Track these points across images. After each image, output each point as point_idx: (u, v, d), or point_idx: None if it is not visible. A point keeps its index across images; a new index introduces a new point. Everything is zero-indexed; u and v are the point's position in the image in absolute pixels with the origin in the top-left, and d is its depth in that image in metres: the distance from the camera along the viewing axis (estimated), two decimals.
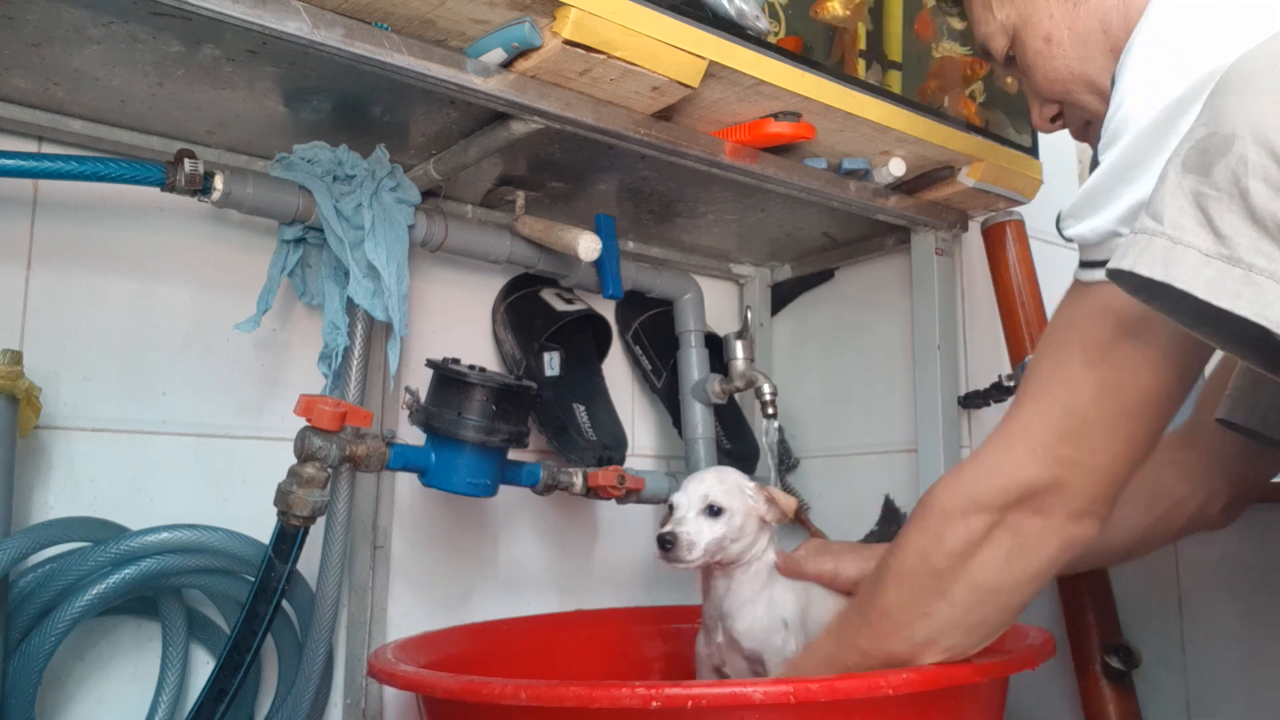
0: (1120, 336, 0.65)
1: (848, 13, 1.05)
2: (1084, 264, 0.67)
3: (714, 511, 0.94)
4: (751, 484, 0.98)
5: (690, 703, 0.68)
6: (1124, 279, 0.52)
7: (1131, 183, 0.60)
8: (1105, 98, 0.77)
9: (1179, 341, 0.63)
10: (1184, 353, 0.64)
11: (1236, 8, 0.59)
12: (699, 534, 0.93)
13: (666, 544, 0.92)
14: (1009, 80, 1.18)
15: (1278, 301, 0.46)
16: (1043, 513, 0.68)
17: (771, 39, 0.98)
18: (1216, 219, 0.48)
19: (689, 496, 0.96)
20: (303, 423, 0.91)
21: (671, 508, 0.97)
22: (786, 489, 1.45)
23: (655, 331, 1.42)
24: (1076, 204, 0.65)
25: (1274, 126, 0.46)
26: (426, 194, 1.12)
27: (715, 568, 0.97)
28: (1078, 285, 0.68)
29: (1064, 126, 0.86)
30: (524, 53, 0.87)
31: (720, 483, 0.96)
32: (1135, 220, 0.59)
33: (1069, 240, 0.66)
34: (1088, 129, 0.84)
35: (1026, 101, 0.89)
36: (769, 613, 0.96)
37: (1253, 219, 0.47)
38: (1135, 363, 0.64)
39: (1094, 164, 0.64)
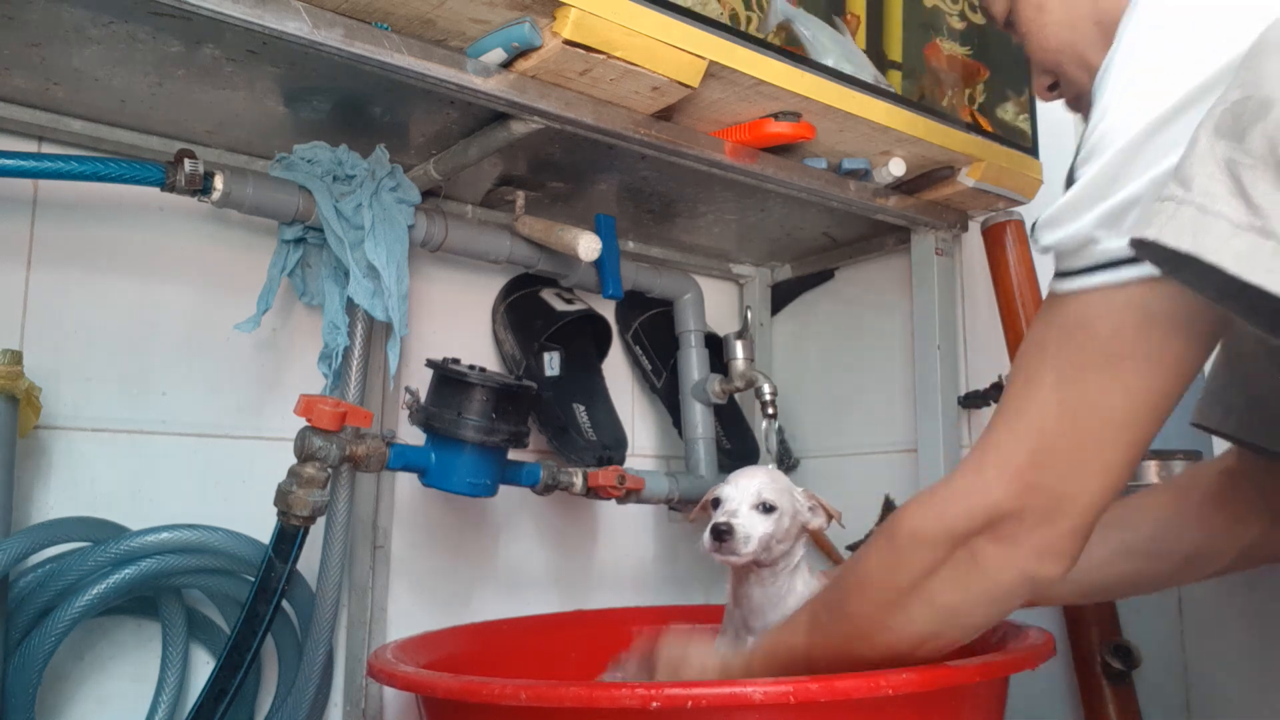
0: (1091, 356, 0.61)
1: None
2: (1059, 274, 0.64)
3: (766, 509, 0.92)
4: (799, 488, 0.97)
5: (690, 702, 0.68)
6: (1148, 250, 0.49)
7: (1113, 194, 0.58)
8: (1092, 74, 0.75)
9: (1153, 365, 0.60)
10: (1158, 378, 0.60)
11: (1222, 17, 0.57)
12: (753, 527, 0.91)
13: (723, 534, 0.90)
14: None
15: None
16: (1004, 541, 0.64)
17: (771, 38, 0.98)
18: (1250, 187, 0.45)
19: (741, 491, 0.93)
20: (303, 423, 0.91)
21: (717, 502, 0.95)
22: None
23: (655, 331, 1.43)
24: (1053, 214, 0.62)
25: None
26: (426, 194, 1.12)
27: (750, 569, 0.95)
28: (1052, 298, 0.65)
29: (1060, 96, 0.85)
30: (524, 53, 0.87)
31: (773, 481, 0.95)
32: (1115, 224, 0.58)
33: (1045, 251, 0.64)
34: (1080, 102, 0.83)
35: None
36: None
37: None
38: (1106, 386, 0.61)
39: (1069, 180, 0.62)
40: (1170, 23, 0.60)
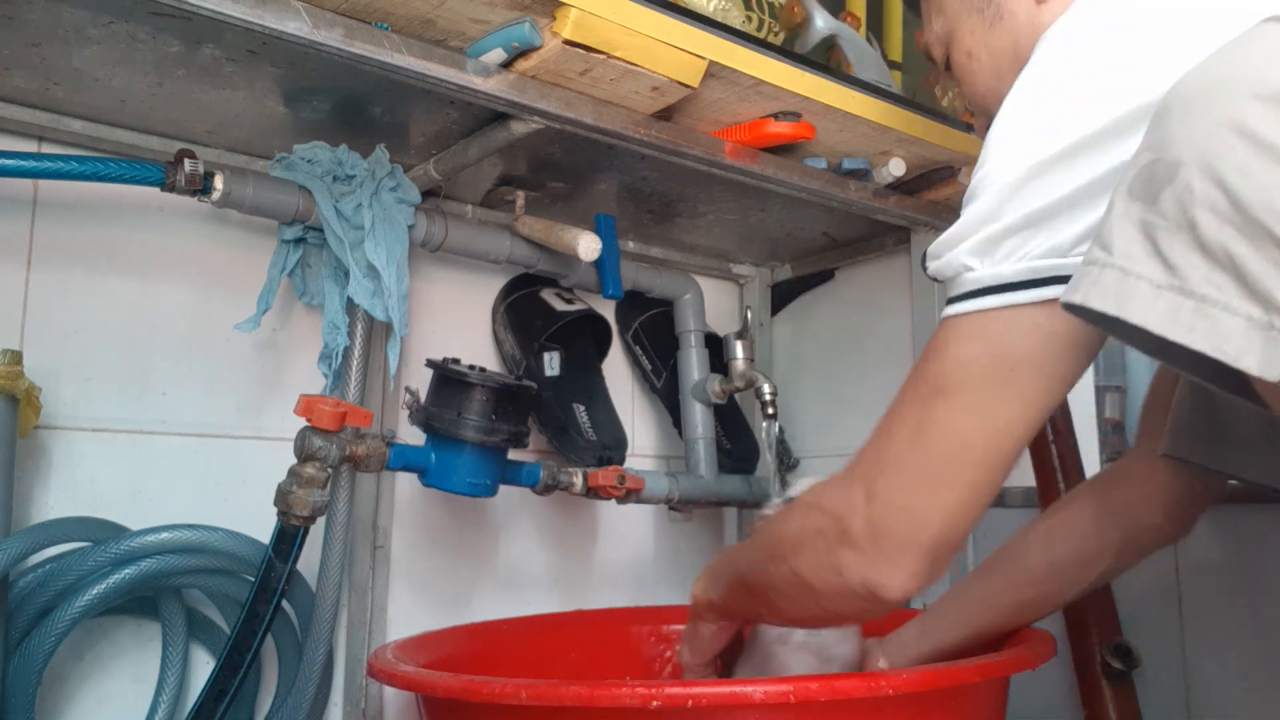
0: (944, 380, 0.64)
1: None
2: (947, 302, 0.66)
3: None
4: None
5: (690, 702, 0.68)
6: (1079, 313, 0.51)
7: (987, 226, 0.61)
8: None
9: (997, 392, 0.62)
10: (1004, 404, 0.62)
11: (1103, 79, 0.60)
12: None
13: None
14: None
15: (1233, 335, 0.45)
16: (854, 546, 0.66)
17: (772, 39, 0.98)
18: (1166, 249, 0.47)
19: None
20: (303, 423, 0.91)
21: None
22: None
23: (655, 331, 1.43)
24: (936, 246, 0.65)
25: (1217, 154, 0.45)
26: (426, 194, 1.12)
27: None
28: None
29: None
30: (524, 53, 0.87)
31: None
32: (987, 252, 0.61)
33: (932, 278, 0.67)
34: None
35: None
36: None
37: (1203, 249, 0.45)
38: (953, 409, 0.63)
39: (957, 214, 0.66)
40: (1053, 78, 0.63)
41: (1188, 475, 0.88)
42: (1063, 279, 0.57)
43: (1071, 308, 0.51)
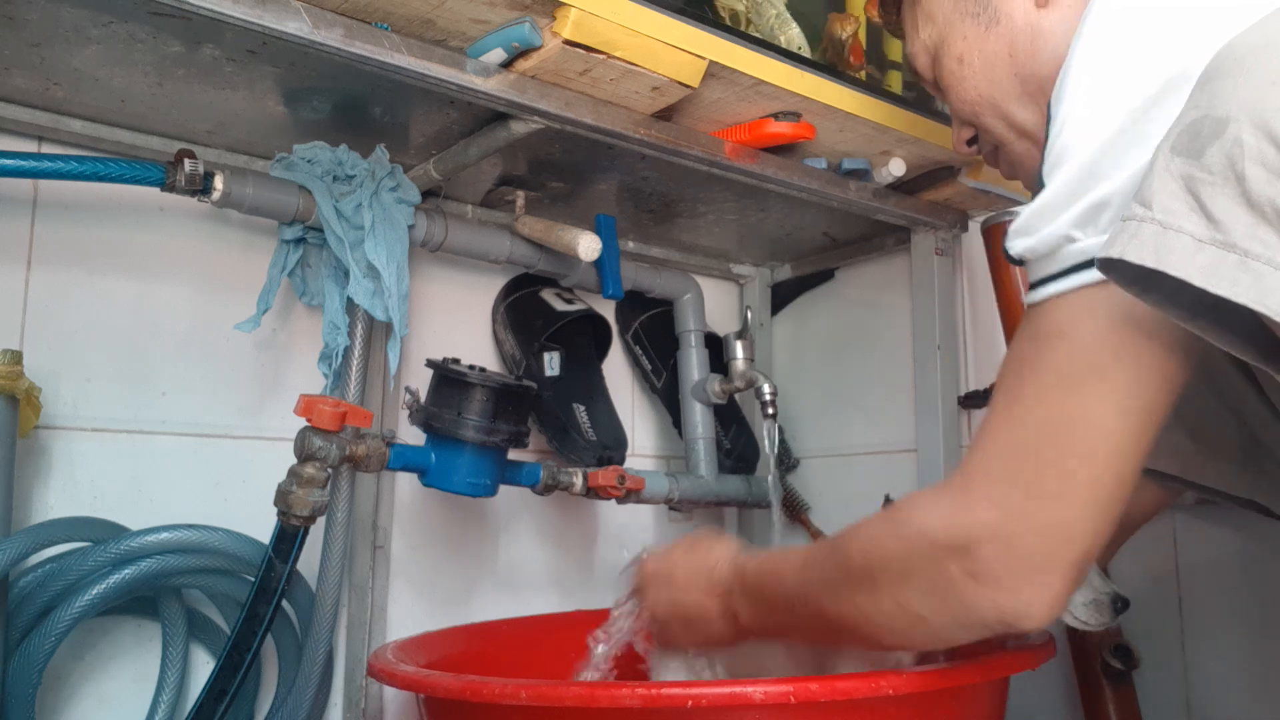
0: (1074, 366, 0.58)
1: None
2: (1034, 284, 0.61)
3: None
4: None
5: (690, 702, 0.68)
6: (1115, 269, 0.49)
7: (1088, 192, 0.57)
8: (1010, 124, 0.79)
9: (1142, 372, 0.56)
10: (1149, 385, 0.57)
11: (1173, 27, 0.58)
12: None
13: None
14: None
15: (1278, 289, 0.43)
16: (985, 578, 0.59)
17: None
18: (1209, 203, 0.45)
19: None
20: (303, 423, 0.91)
21: None
22: (786, 489, 1.45)
23: (655, 331, 1.43)
24: (1024, 220, 0.60)
25: (1271, 109, 0.44)
26: (426, 194, 1.12)
27: None
28: (1028, 309, 0.62)
29: (978, 150, 0.87)
30: (524, 53, 0.87)
31: None
32: (1091, 221, 0.56)
33: (1016, 261, 0.62)
34: (997, 154, 0.84)
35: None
36: None
37: (1249, 204, 0.44)
38: (1092, 397, 0.57)
39: (1037, 189, 0.61)
40: (1124, 31, 0.60)
41: (1139, 489, 0.86)
42: None
43: (1108, 265, 0.49)
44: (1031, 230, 0.60)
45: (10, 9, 0.80)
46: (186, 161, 0.92)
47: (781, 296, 1.56)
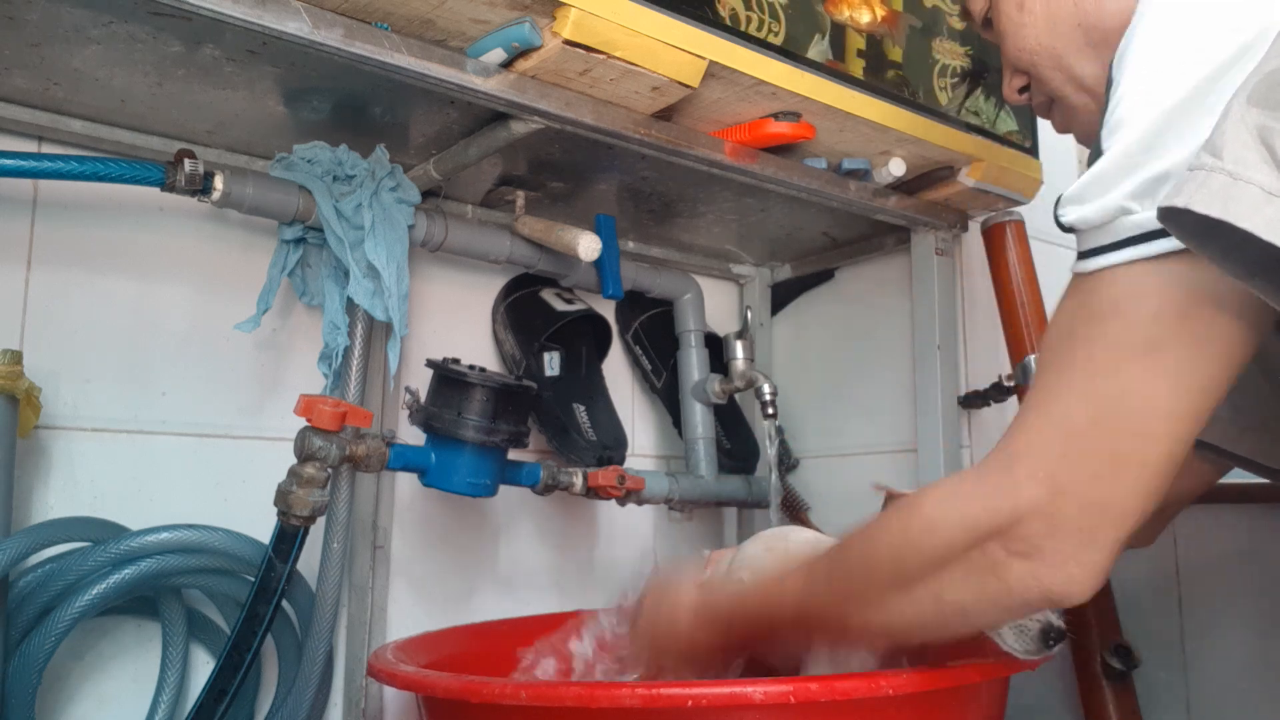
0: (1128, 343, 0.56)
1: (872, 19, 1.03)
2: (1083, 254, 0.60)
3: None
4: None
5: (690, 702, 0.68)
6: (1177, 219, 0.47)
7: (1148, 164, 0.54)
8: (1069, 77, 0.76)
9: (1201, 349, 0.55)
10: (1207, 363, 0.55)
11: None
12: None
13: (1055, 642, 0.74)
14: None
15: None
16: (1029, 555, 0.58)
17: (772, 39, 0.98)
18: None
19: None
20: (303, 423, 0.91)
21: None
22: (786, 489, 1.45)
23: (655, 331, 1.43)
24: (1078, 188, 0.58)
25: None
26: (426, 194, 1.12)
27: None
28: (1077, 280, 0.60)
29: (1030, 100, 0.84)
30: (524, 53, 0.87)
31: None
32: (1150, 194, 0.54)
33: (1067, 229, 0.60)
34: (1051, 106, 0.82)
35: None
36: None
37: None
38: (1147, 376, 0.55)
39: (1093, 156, 0.59)
40: None
41: (1183, 467, 0.86)
42: None
43: (1170, 214, 0.47)
44: (1085, 199, 0.58)
45: (10, 9, 0.80)
46: (186, 161, 0.92)
47: (781, 296, 1.56)
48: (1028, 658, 0.73)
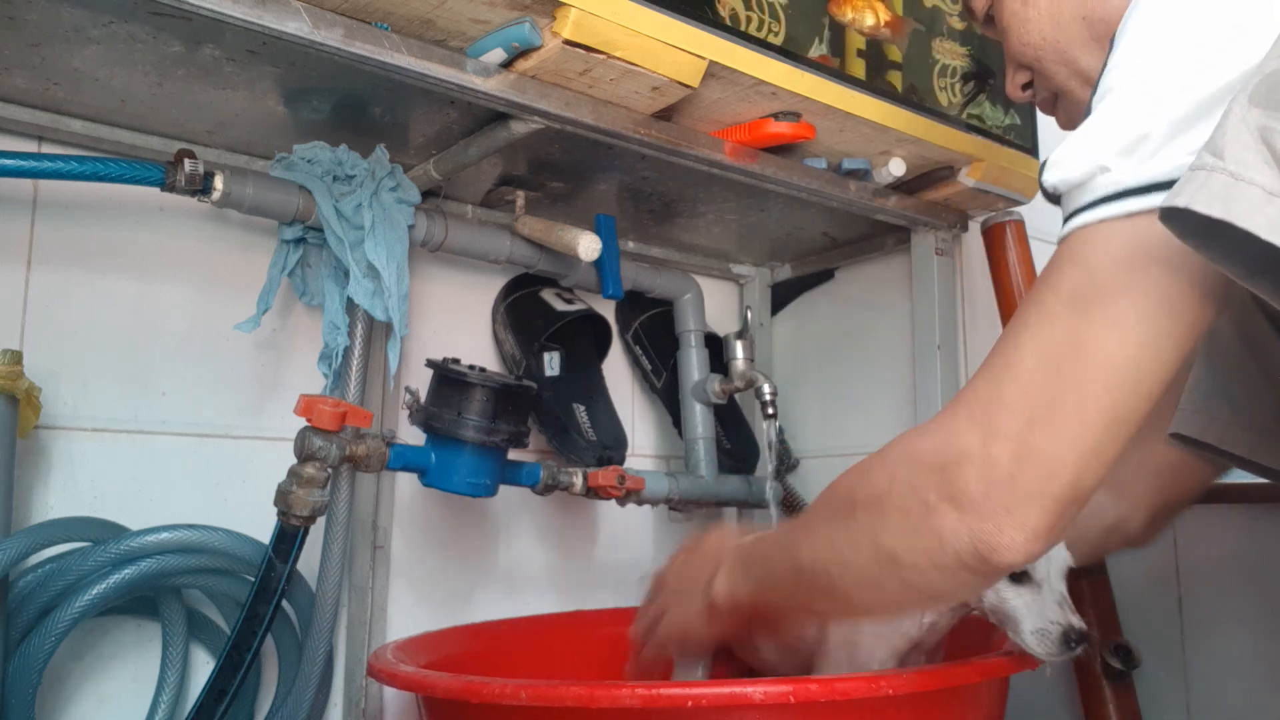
0: (1081, 292, 0.55)
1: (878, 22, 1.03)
2: (1065, 220, 0.59)
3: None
4: None
5: (690, 702, 0.68)
6: (1178, 219, 0.47)
7: (1129, 126, 0.55)
8: (1073, 71, 0.76)
9: (1153, 305, 0.54)
10: (1159, 320, 0.54)
11: None
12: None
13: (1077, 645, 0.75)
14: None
15: None
16: (962, 502, 0.56)
17: (772, 39, 0.98)
18: None
19: (1055, 561, 0.81)
20: (303, 423, 0.91)
21: (1022, 575, 0.79)
22: (786, 489, 1.45)
23: (655, 331, 1.43)
24: (1061, 152, 0.58)
25: None
26: (426, 194, 1.12)
27: None
28: (1057, 246, 0.59)
29: (1034, 98, 0.84)
30: (524, 53, 0.87)
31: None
32: (1130, 152, 0.54)
33: (1050, 191, 0.59)
34: (1055, 102, 0.82)
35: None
36: None
37: None
38: (1095, 324, 0.54)
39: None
40: None
41: (1182, 466, 0.85)
42: None
43: (1172, 214, 0.47)
44: (1067, 159, 0.57)
45: (10, 9, 0.80)
46: (186, 161, 0.92)
47: (781, 296, 1.56)
48: (1052, 660, 0.73)
